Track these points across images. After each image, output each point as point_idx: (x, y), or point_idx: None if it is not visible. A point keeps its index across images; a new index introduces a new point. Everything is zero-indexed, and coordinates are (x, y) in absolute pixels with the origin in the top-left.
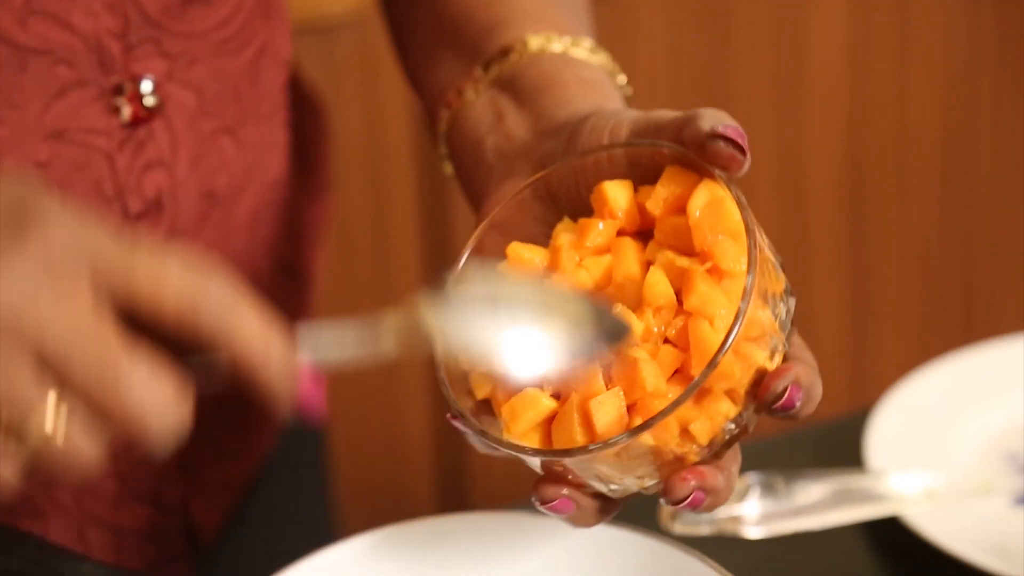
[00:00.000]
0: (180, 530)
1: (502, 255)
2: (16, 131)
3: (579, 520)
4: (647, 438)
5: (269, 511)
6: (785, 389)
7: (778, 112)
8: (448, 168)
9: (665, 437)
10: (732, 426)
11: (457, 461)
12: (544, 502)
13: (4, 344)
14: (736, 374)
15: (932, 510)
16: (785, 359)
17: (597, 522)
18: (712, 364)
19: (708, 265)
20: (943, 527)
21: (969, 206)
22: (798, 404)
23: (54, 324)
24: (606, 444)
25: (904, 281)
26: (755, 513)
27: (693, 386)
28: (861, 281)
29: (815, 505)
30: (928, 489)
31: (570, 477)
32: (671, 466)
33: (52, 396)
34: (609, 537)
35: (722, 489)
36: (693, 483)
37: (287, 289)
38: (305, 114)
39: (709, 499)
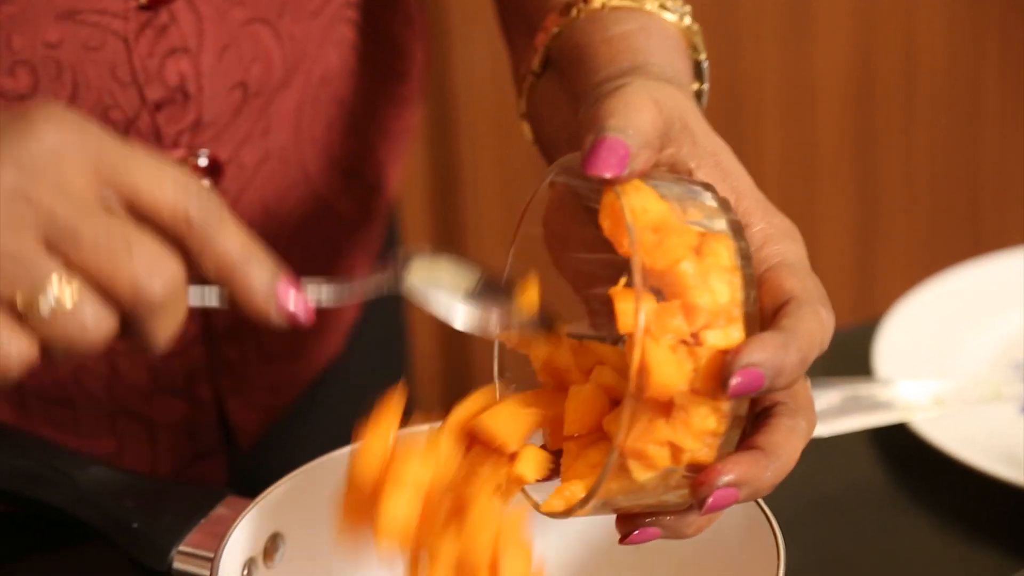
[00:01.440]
0: (216, 426)
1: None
2: (24, 9)
3: (677, 533)
4: (639, 474)
5: (323, 414)
6: (741, 372)
7: (786, 31)
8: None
9: (655, 464)
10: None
11: (465, 372)
12: (628, 541)
13: (12, 222)
14: (676, 382)
15: (940, 417)
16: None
17: (695, 529)
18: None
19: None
20: (951, 434)
21: (976, 122)
22: (764, 383)
23: (61, 202)
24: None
25: (911, 195)
26: None
27: (608, 464)
28: (868, 195)
29: (823, 412)
30: (936, 396)
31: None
32: (696, 472)
33: (61, 269)
34: None
35: (760, 475)
36: (715, 482)
37: (352, 194)
38: (396, 19)
39: (745, 490)
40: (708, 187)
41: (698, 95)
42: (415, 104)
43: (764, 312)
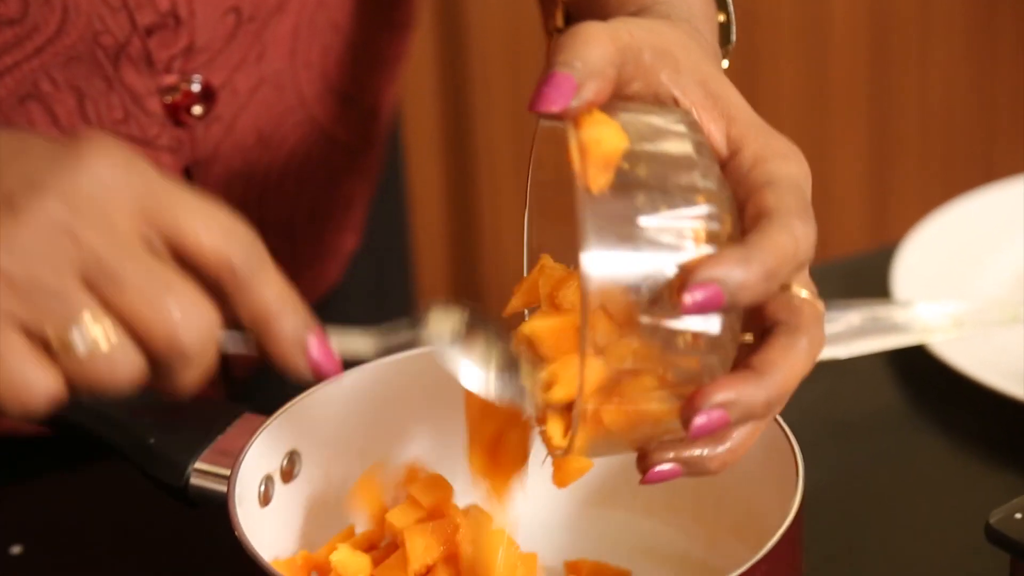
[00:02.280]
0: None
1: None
2: None
3: (701, 470)
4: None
5: None
6: (697, 287)
7: None
8: None
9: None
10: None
11: (472, 275)
12: (647, 480)
13: (53, 257)
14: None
15: (958, 339)
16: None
17: (719, 463)
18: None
19: None
20: (969, 356)
21: (991, 48)
22: (723, 299)
23: (105, 241)
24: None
25: (925, 122)
26: None
27: (576, 413)
28: (883, 122)
29: (841, 334)
30: (955, 318)
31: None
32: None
33: (96, 309)
34: None
35: (753, 395)
36: (700, 404)
37: (349, 120)
38: None
39: (736, 411)
40: (683, 113)
41: (724, 28)
42: (411, 29)
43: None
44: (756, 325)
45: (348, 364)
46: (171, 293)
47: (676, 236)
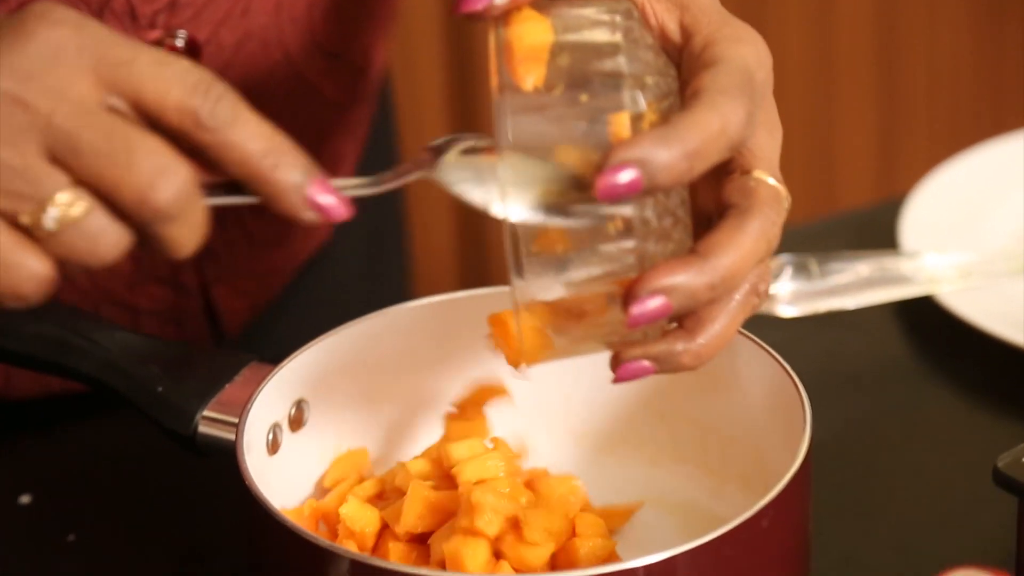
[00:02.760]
0: (201, 313)
1: None
2: None
3: (671, 365)
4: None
5: (311, 302)
6: (611, 170)
7: None
8: None
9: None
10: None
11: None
12: (619, 378)
13: (10, 132)
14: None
15: (966, 290)
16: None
17: (693, 355)
18: None
19: None
20: (977, 306)
21: (1000, 1)
22: (641, 182)
23: (59, 106)
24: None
25: (933, 75)
26: (787, 292)
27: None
28: (890, 76)
29: (848, 285)
30: (962, 269)
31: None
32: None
33: (66, 183)
34: None
35: (695, 279)
36: (638, 290)
37: (336, 76)
38: None
39: (677, 297)
40: (621, 3)
41: None
42: None
43: None
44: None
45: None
46: (136, 152)
47: (593, 122)
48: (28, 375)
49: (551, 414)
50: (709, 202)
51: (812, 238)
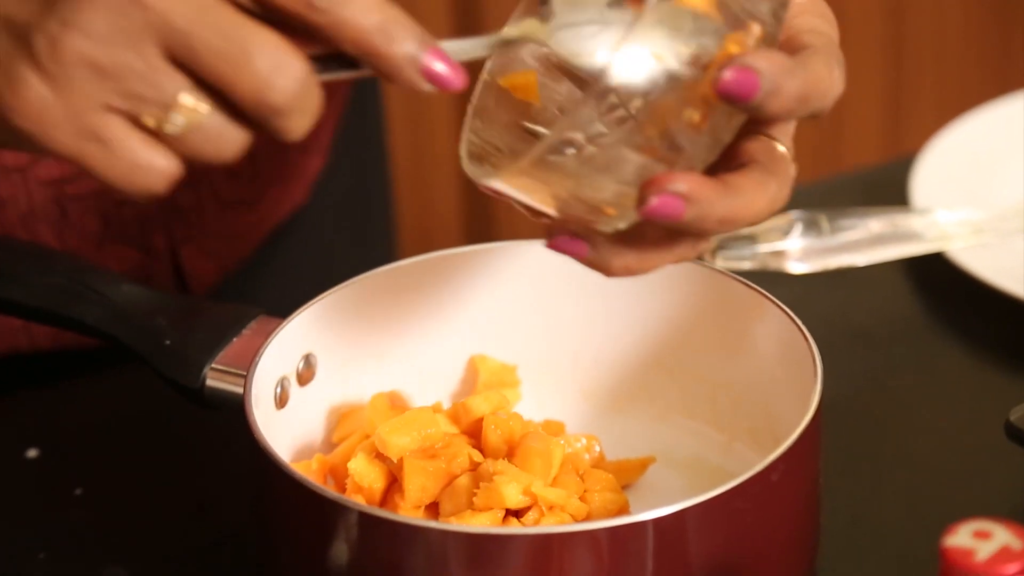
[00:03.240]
0: (170, 275)
1: None
2: None
3: (602, 261)
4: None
5: (284, 268)
6: (740, 69)
7: None
8: None
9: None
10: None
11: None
12: (553, 244)
13: (129, 34)
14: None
15: (977, 247)
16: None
17: (622, 265)
18: None
19: None
20: (988, 263)
21: None
22: (757, 91)
23: (176, 5)
24: None
25: (942, 34)
26: (798, 248)
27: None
28: (900, 33)
29: (859, 242)
30: (973, 225)
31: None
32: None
33: (188, 85)
34: None
35: (713, 203)
36: (665, 184)
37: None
38: None
39: (692, 209)
40: None
41: None
42: None
43: None
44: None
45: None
46: (251, 50)
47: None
48: (49, 328)
49: (560, 372)
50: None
51: (822, 195)
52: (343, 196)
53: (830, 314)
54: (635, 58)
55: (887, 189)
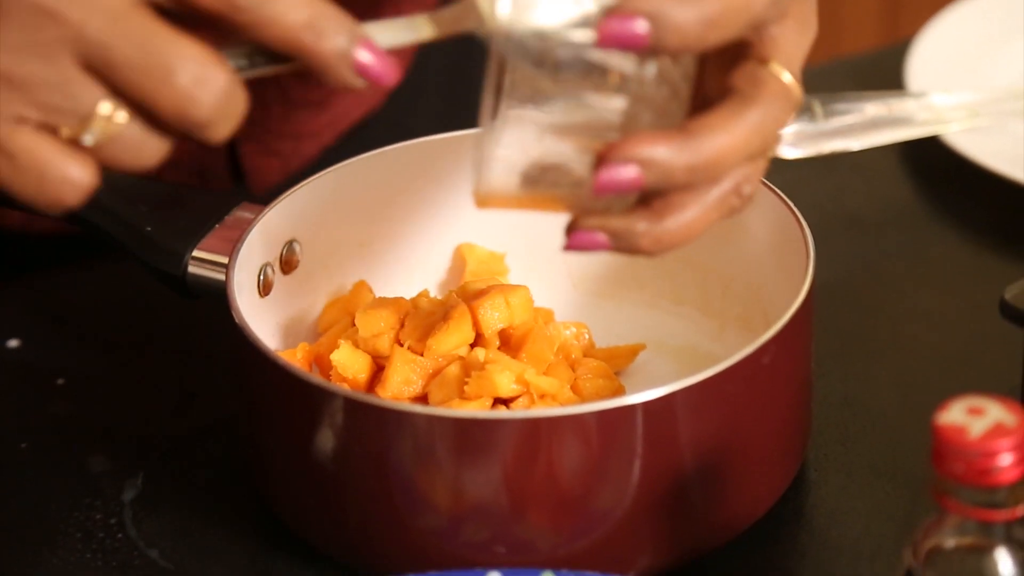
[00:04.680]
0: (227, 170)
1: None
2: None
3: (629, 243)
4: None
5: None
6: (620, 21)
7: None
8: None
9: None
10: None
11: None
12: (571, 245)
13: (42, 45)
14: None
15: (971, 131)
16: None
17: (652, 240)
18: None
19: None
20: (983, 146)
21: None
22: (647, 40)
23: (92, 17)
24: None
25: None
26: (791, 133)
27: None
28: None
29: (853, 126)
30: (969, 108)
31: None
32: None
33: (105, 95)
34: None
35: (672, 157)
36: (611, 156)
37: None
38: None
39: (652, 171)
40: None
41: None
42: None
43: None
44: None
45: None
46: (172, 63)
47: None
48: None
49: (549, 259)
50: (715, 88)
51: (816, 80)
52: (425, 102)
53: (823, 199)
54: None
55: (882, 75)
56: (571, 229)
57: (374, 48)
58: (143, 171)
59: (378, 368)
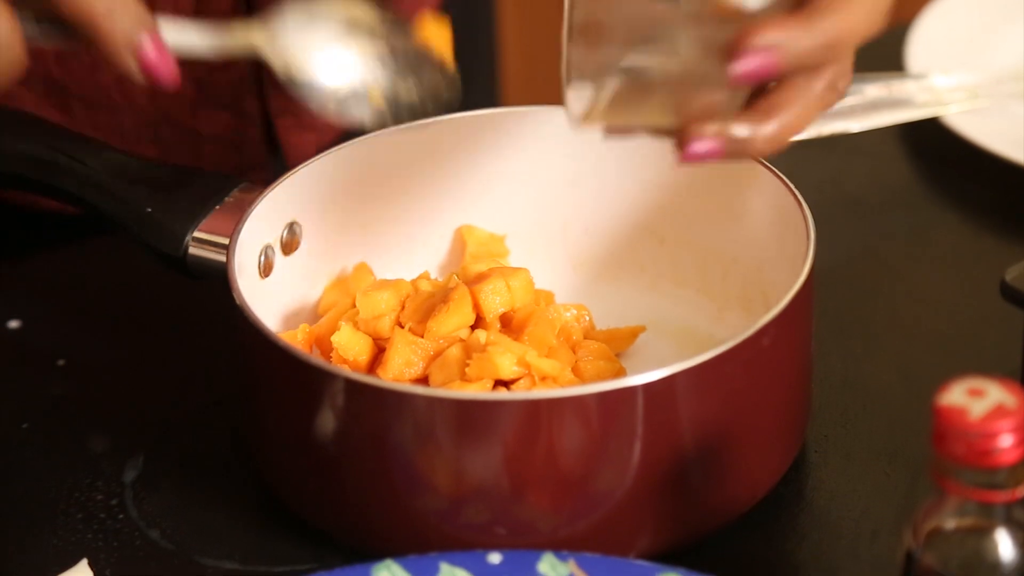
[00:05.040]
0: (262, 140)
1: None
2: None
3: (739, 147)
4: None
5: None
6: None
7: None
8: None
9: None
10: None
11: None
12: (687, 156)
13: None
14: None
15: (972, 113)
16: None
17: (765, 138)
18: None
19: None
20: (983, 128)
21: None
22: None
23: None
24: None
25: None
26: None
27: None
28: None
29: (854, 108)
30: (969, 90)
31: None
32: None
33: None
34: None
35: (799, 37)
36: (747, 46)
37: None
38: None
39: (782, 54)
40: None
41: None
42: None
43: None
44: None
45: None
46: None
47: None
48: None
49: (550, 241)
50: None
51: None
52: (465, 73)
53: (823, 181)
54: None
55: (883, 56)
56: (684, 140)
57: (158, 42)
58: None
59: (379, 350)
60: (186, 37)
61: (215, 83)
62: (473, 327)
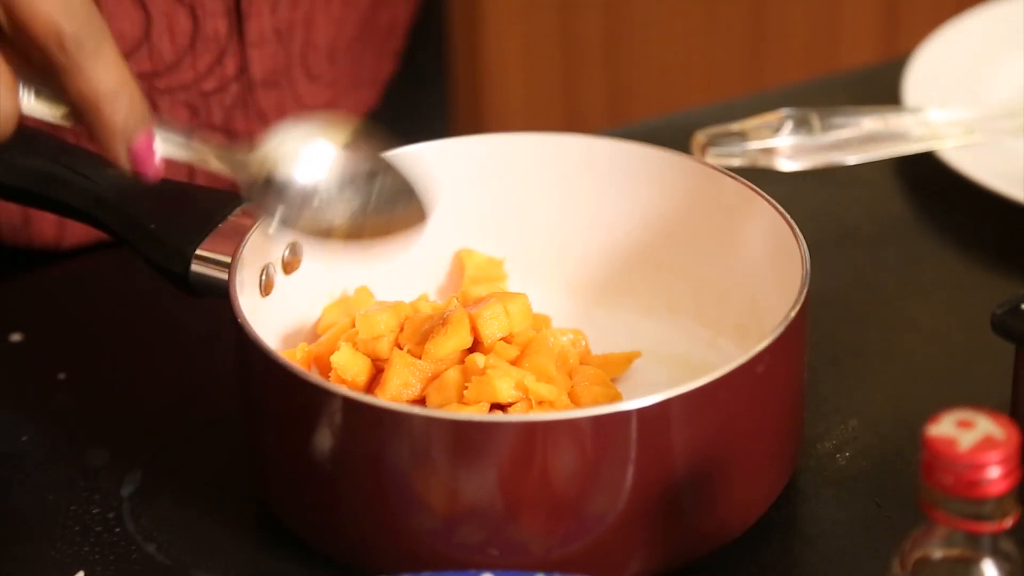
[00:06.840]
0: None
1: None
2: None
3: None
4: None
5: None
6: None
7: None
8: None
9: None
10: None
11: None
12: None
13: None
14: None
15: (967, 147)
16: None
17: None
18: None
19: None
20: (978, 163)
21: None
22: None
23: None
24: None
25: None
26: (788, 146)
27: None
28: None
29: (850, 140)
30: (965, 125)
31: None
32: None
33: None
34: (643, 154)
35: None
36: None
37: None
38: None
39: None
40: None
41: None
42: None
43: None
44: None
45: None
46: None
47: None
48: (83, 225)
49: (547, 266)
50: None
51: (814, 94)
52: (410, 100)
53: (818, 212)
54: None
55: (880, 89)
56: None
57: (151, 142)
58: None
59: (377, 371)
60: (175, 150)
61: (208, 108)
62: (470, 350)
